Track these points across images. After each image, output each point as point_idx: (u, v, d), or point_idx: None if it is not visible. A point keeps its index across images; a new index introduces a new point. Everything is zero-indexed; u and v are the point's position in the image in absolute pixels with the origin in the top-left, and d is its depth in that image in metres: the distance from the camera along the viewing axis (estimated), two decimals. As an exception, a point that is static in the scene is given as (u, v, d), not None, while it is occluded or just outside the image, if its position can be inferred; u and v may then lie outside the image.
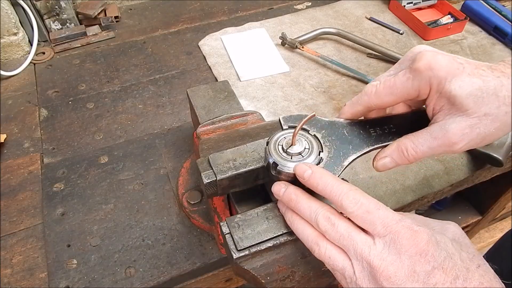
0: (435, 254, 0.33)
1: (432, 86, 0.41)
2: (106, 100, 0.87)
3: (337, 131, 0.46)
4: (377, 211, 0.36)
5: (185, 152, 0.76)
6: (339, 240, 0.37)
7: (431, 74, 0.40)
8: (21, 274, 0.60)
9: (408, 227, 0.34)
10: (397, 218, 0.35)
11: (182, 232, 0.65)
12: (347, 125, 0.47)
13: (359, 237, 0.36)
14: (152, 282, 0.59)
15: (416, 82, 0.41)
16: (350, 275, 0.36)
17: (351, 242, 0.36)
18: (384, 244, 0.35)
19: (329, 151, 0.44)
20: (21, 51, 0.97)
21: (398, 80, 0.42)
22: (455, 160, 0.75)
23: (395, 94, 0.43)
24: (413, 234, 0.34)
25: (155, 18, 1.11)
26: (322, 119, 0.47)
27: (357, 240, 0.36)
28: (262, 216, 0.43)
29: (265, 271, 0.41)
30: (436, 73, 0.40)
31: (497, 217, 1.57)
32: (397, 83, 0.42)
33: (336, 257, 0.37)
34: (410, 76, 0.41)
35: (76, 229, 0.65)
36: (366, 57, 0.97)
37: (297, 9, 1.13)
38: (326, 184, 0.39)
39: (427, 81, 0.40)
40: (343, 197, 0.37)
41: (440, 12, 1.09)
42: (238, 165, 0.46)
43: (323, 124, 0.46)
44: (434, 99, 0.41)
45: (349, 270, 0.36)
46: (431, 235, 0.34)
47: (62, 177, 0.72)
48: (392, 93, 0.43)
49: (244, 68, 0.93)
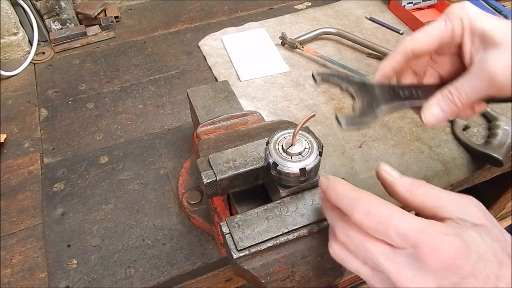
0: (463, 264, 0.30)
1: (464, 25, 0.42)
2: (106, 100, 0.87)
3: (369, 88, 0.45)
4: (391, 221, 0.32)
5: (185, 152, 0.76)
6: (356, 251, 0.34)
7: (462, 14, 0.42)
8: (21, 274, 0.60)
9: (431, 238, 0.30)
10: (417, 227, 0.31)
11: (182, 232, 0.65)
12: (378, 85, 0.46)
13: (375, 248, 0.33)
14: (152, 282, 0.59)
15: (449, 22, 0.43)
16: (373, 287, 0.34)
17: (368, 254, 0.33)
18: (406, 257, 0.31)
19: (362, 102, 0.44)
20: (21, 51, 0.97)
21: (433, 24, 0.44)
22: (455, 160, 0.75)
23: (430, 36, 0.44)
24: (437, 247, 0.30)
25: (155, 18, 1.11)
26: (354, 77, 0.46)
27: (373, 252, 0.33)
28: (262, 216, 0.43)
29: (265, 271, 0.41)
30: (466, 12, 0.42)
31: (497, 217, 1.57)
32: (432, 26, 0.44)
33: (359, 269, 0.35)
34: (443, 18, 0.43)
35: (76, 229, 0.65)
36: (366, 57, 0.97)
37: (297, 9, 1.13)
38: (337, 195, 0.36)
39: (460, 20, 0.42)
40: (353, 210, 0.34)
41: (440, 12, 1.09)
42: (238, 165, 0.46)
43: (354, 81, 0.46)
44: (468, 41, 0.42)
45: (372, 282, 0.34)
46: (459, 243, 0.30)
47: (62, 177, 0.72)
48: (427, 35, 0.44)
49: (244, 68, 0.93)
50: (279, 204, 0.44)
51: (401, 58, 0.46)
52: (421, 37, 0.45)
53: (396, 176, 0.38)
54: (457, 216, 0.34)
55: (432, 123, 0.44)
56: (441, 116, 0.43)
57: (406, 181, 0.37)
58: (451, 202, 0.35)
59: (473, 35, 0.42)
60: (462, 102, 0.42)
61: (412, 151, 0.76)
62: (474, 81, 0.41)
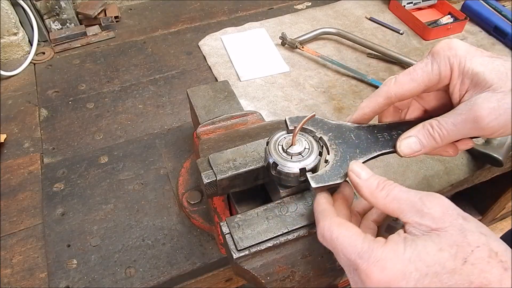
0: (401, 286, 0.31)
1: (452, 66, 0.40)
2: (106, 100, 0.87)
3: (344, 134, 0.45)
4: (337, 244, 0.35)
5: (185, 152, 0.76)
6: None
7: (450, 54, 0.39)
8: (21, 274, 0.60)
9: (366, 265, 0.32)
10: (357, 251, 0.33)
11: (182, 232, 0.65)
12: (354, 129, 0.45)
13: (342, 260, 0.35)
14: (152, 282, 0.59)
15: (435, 64, 0.40)
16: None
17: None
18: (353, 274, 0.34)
19: (336, 154, 0.43)
20: (21, 51, 0.97)
21: (418, 66, 0.41)
22: (455, 160, 0.75)
23: (415, 80, 0.41)
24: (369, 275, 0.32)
25: (155, 18, 1.11)
26: (329, 122, 0.46)
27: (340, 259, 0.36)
28: (262, 216, 0.43)
29: (265, 271, 0.41)
30: (454, 52, 0.39)
31: (497, 217, 1.57)
32: (417, 69, 0.41)
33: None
34: (429, 60, 0.41)
35: (76, 229, 0.65)
36: (366, 57, 0.97)
37: (297, 9, 1.13)
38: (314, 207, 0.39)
39: (447, 61, 0.40)
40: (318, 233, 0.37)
41: (440, 12, 1.09)
42: (238, 165, 0.46)
43: (330, 127, 0.45)
44: (457, 82, 0.40)
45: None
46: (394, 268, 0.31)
47: (62, 177, 0.72)
48: (412, 79, 0.41)
49: (244, 68, 0.93)
50: (279, 204, 0.44)
51: (383, 101, 0.44)
52: (406, 81, 0.42)
53: (363, 177, 0.38)
54: (414, 220, 0.34)
55: (406, 154, 0.42)
56: (417, 148, 0.41)
57: (371, 183, 0.37)
58: (410, 206, 0.34)
59: (463, 76, 0.39)
60: (441, 138, 0.40)
61: (412, 151, 0.76)
62: (459, 120, 0.39)
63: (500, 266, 0.30)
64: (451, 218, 0.33)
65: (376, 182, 0.37)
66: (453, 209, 0.33)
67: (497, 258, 0.30)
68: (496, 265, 0.30)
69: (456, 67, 0.39)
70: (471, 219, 0.33)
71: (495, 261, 0.30)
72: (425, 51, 0.99)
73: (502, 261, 0.30)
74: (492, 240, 0.31)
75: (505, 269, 0.30)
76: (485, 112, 0.37)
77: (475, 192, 1.39)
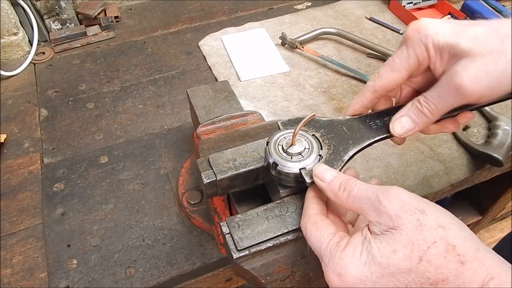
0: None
1: (427, 46, 0.40)
2: (106, 100, 0.87)
3: (336, 128, 0.46)
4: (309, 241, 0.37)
5: (185, 152, 0.76)
6: None
7: (420, 35, 0.40)
8: (21, 274, 0.60)
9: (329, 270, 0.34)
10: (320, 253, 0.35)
11: (182, 232, 0.65)
12: (346, 122, 0.46)
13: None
14: (152, 282, 0.59)
15: (410, 49, 0.41)
16: None
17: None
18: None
19: (329, 148, 0.44)
20: (21, 51, 0.97)
21: (395, 55, 0.43)
22: (455, 160, 0.75)
23: (396, 69, 0.42)
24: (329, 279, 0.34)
25: (155, 18, 1.11)
26: (320, 119, 0.47)
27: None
28: (262, 216, 0.43)
29: (265, 271, 0.41)
30: (425, 32, 0.40)
31: (497, 217, 1.57)
32: (395, 58, 0.42)
33: None
34: (404, 46, 0.42)
35: (76, 229, 0.65)
36: (366, 57, 0.97)
37: (297, 9, 1.13)
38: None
39: (420, 43, 0.40)
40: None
41: (440, 12, 1.09)
42: (238, 165, 0.46)
43: (321, 124, 0.46)
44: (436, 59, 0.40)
45: None
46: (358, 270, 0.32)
47: (62, 177, 0.72)
48: (393, 69, 0.42)
49: (244, 68, 0.93)
50: (279, 204, 0.44)
51: (371, 96, 0.45)
52: (387, 73, 0.43)
53: (326, 180, 0.39)
54: (374, 219, 0.34)
55: (400, 134, 0.43)
56: (410, 126, 0.42)
57: (334, 185, 0.38)
58: (369, 204, 0.35)
59: (440, 52, 0.40)
60: (431, 112, 0.41)
61: (412, 151, 0.76)
62: (442, 91, 0.39)
63: (457, 260, 0.30)
64: (407, 213, 0.32)
65: (338, 183, 0.38)
66: (410, 203, 0.33)
67: (454, 252, 0.30)
68: (453, 260, 0.30)
69: (430, 46, 0.40)
70: (430, 211, 0.33)
71: (452, 256, 0.30)
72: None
73: (459, 254, 0.30)
74: (451, 232, 0.31)
75: (461, 263, 0.30)
76: (466, 79, 0.37)
77: (475, 192, 1.39)
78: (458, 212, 1.46)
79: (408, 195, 0.34)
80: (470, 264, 0.30)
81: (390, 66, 0.43)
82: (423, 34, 0.40)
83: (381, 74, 0.43)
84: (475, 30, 0.38)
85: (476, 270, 0.30)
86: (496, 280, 0.29)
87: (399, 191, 0.34)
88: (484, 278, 0.29)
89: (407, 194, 0.34)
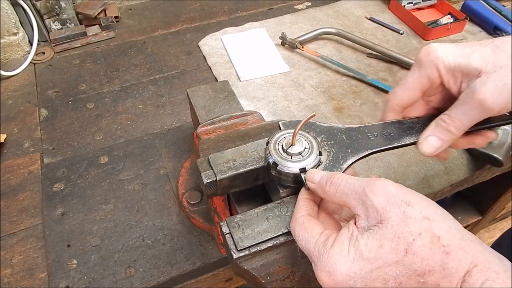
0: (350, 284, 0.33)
1: (438, 67, 0.44)
2: (106, 100, 0.87)
3: (336, 136, 0.47)
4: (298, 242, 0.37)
5: (185, 152, 0.76)
6: None
7: (431, 58, 0.44)
8: (21, 274, 0.60)
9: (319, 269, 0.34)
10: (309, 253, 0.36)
11: (182, 232, 0.65)
12: (345, 130, 0.48)
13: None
14: (152, 282, 0.59)
15: (422, 70, 0.45)
16: None
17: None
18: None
19: (328, 155, 0.45)
20: (21, 51, 0.97)
21: (408, 75, 0.47)
22: (455, 160, 0.75)
23: (409, 88, 0.46)
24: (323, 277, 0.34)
25: (155, 18, 1.11)
26: (321, 124, 0.48)
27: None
28: (262, 216, 0.43)
29: (265, 271, 0.41)
30: (435, 55, 0.44)
31: (497, 217, 1.57)
32: (408, 78, 0.47)
33: None
34: (416, 67, 0.46)
35: (76, 229, 0.65)
36: (366, 57, 0.97)
37: (297, 9, 1.13)
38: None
39: (431, 64, 0.44)
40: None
41: (440, 12, 1.09)
42: (238, 165, 0.46)
43: (322, 129, 0.47)
44: (449, 78, 0.44)
45: None
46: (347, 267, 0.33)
47: (62, 177, 0.72)
48: (406, 88, 0.47)
49: (244, 68, 0.93)
50: (279, 204, 0.44)
51: (392, 115, 0.49)
52: (402, 92, 0.47)
53: (316, 180, 0.40)
54: (362, 213, 0.35)
55: (430, 153, 0.45)
56: (438, 144, 0.45)
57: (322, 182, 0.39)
58: (357, 198, 0.35)
59: (452, 72, 0.43)
60: (457, 128, 0.43)
61: (412, 150, 0.76)
62: (466, 108, 0.42)
63: (442, 251, 0.31)
64: (393, 206, 0.33)
65: (323, 182, 0.39)
66: (396, 195, 0.34)
67: (439, 243, 0.31)
68: (438, 251, 0.31)
69: (441, 67, 0.44)
70: (416, 202, 0.33)
71: (437, 247, 0.31)
72: (425, 51, 0.99)
73: (444, 245, 0.31)
74: (435, 223, 0.32)
75: (446, 253, 0.31)
76: (487, 94, 0.40)
77: (475, 192, 1.39)
78: (458, 212, 1.46)
79: (394, 187, 0.34)
80: (455, 254, 0.31)
81: (404, 86, 0.47)
82: (434, 57, 0.44)
83: (396, 93, 0.48)
84: (482, 50, 0.42)
85: (461, 259, 0.31)
86: (479, 267, 0.30)
87: (385, 183, 0.35)
88: (468, 266, 0.31)
89: (393, 186, 0.35)
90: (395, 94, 0.48)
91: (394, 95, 0.48)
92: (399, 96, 0.47)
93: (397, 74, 0.93)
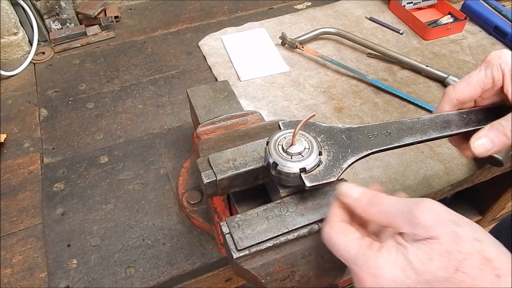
0: None
1: (504, 71, 0.46)
2: (106, 100, 0.87)
3: (336, 136, 0.47)
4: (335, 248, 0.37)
5: (185, 152, 0.76)
6: None
7: (500, 61, 0.47)
8: (21, 274, 0.60)
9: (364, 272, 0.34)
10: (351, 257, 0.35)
11: (182, 232, 0.65)
12: (345, 130, 0.47)
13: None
14: (152, 282, 0.59)
15: (488, 70, 0.47)
16: None
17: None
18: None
19: (328, 154, 0.44)
20: (21, 51, 0.97)
21: (473, 73, 0.49)
22: (455, 160, 0.75)
23: (471, 84, 0.48)
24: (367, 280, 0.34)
25: (155, 18, 1.11)
26: (321, 124, 0.47)
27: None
28: (262, 216, 0.43)
29: (265, 271, 0.41)
30: (505, 59, 0.47)
31: (497, 217, 1.57)
32: (472, 75, 0.49)
33: None
34: (483, 67, 0.48)
35: (76, 229, 0.65)
36: (366, 57, 0.97)
37: (297, 9, 1.13)
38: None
39: (499, 67, 0.47)
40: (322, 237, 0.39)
41: (440, 12, 1.09)
42: (238, 165, 0.46)
43: (322, 129, 0.47)
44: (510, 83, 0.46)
45: None
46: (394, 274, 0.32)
47: (62, 177, 0.72)
48: (469, 83, 0.49)
49: (244, 68, 0.93)
50: (279, 204, 0.44)
51: (448, 107, 0.51)
52: (463, 87, 0.49)
53: (354, 196, 0.39)
54: (409, 230, 0.34)
55: (481, 153, 0.47)
56: (490, 147, 0.46)
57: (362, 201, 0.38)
58: (401, 218, 0.35)
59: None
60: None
61: (412, 150, 0.76)
62: None
63: (493, 273, 0.30)
64: (442, 225, 0.33)
65: (367, 199, 0.38)
66: (445, 215, 0.33)
67: (490, 265, 0.31)
68: (489, 272, 0.30)
69: (507, 71, 0.46)
70: (465, 224, 0.33)
71: (488, 268, 0.30)
72: (425, 51, 0.99)
73: (495, 268, 0.30)
74: (487, 246, 0.32)
75: (497, 276, 0.30)
76: None
77: (475, 192, 1.39)
78: (458, 212, 1.46)
79: (442, 207, 0.34)
80: (505, 278, 0.30)
81: (467, 81, 0.49)
82: (503, 61, 0.47)
83: (458, 87, 0.49)
84: None
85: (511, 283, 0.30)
86: None
87: (432, 203, 0.34)
88: None
89: (440, 206, 0.34)
90: (456, 88, 0.49)
91: (455, 88, 0.50)
92: (459, 90, 0.49)
93: (397, 74, 0.93)
